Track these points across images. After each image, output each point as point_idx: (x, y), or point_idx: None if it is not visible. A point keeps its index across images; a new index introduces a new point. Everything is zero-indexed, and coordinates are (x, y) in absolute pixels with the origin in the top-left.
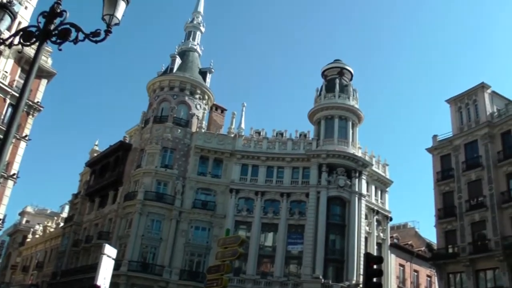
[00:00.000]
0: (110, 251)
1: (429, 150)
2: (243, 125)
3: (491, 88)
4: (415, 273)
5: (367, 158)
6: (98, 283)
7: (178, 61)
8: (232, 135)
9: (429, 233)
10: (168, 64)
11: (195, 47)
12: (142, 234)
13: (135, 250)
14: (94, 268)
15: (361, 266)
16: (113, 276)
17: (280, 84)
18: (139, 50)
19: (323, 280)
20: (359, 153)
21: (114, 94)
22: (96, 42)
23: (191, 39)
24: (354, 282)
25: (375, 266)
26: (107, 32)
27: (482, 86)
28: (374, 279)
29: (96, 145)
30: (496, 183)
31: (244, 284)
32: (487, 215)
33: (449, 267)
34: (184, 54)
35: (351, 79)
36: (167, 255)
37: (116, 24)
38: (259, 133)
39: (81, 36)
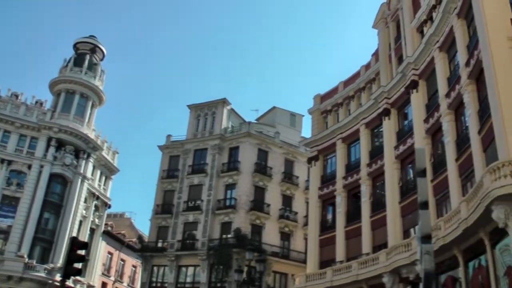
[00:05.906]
0: None
1: (160, 147)
2: None
3: (231, 106)
4: (122, 262)
5: (99, 142)
6: None
7: None
8: None
9: (144, 226)
10: None
11: None
12: None
13: None
14: None
15: None
16: None
17: (30, 43)
18: None
19: (27, 260)
20: (92, 135)
21: None
22: None
23: None
24: (59, 265)
25: (79, 252)
26: None
27: (223, 102)
28: (75, 265)
29: None
30: (215, 190)
31: None
32: (201, 217)
33: (155, 260)
34: None
35: (102, 59)
36: None
37: None
38: None
39: None
